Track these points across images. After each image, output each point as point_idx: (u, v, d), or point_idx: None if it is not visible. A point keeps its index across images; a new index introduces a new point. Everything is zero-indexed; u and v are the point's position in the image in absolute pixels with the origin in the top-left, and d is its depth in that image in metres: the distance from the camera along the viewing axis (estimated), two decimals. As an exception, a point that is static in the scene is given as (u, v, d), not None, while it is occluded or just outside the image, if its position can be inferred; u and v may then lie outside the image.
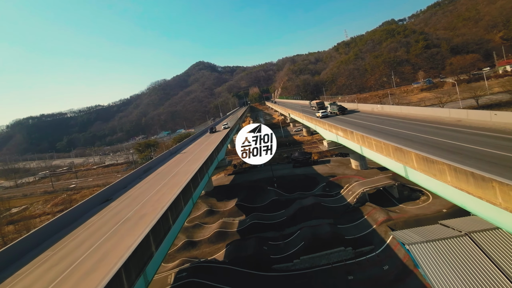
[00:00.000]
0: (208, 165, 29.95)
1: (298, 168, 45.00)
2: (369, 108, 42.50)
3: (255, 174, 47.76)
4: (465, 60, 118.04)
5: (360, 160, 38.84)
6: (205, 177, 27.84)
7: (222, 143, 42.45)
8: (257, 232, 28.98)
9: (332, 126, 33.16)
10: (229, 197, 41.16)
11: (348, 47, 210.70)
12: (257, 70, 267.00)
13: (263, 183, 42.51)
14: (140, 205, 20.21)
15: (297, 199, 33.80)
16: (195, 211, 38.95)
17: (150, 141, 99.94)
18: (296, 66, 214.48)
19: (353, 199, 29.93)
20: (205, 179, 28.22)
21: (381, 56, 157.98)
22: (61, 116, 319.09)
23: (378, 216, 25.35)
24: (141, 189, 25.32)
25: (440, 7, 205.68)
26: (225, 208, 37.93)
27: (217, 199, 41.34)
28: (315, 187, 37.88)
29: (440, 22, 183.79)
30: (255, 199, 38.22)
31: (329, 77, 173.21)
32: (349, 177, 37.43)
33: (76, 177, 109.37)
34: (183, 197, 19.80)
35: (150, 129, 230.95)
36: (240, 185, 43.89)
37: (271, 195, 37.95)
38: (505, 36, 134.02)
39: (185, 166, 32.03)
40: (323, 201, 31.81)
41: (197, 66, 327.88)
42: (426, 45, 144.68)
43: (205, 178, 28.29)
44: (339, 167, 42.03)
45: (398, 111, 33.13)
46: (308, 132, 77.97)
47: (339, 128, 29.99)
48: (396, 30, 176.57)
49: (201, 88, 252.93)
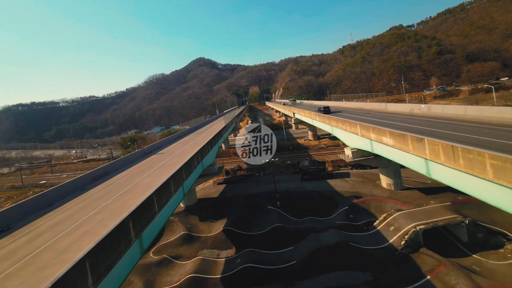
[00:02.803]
0: (181, 178, 19.72)
1: (308, 182, 34.90)
2: (406, 109, 32.60)
3: (252, 185, 37.56)
4: (483, 68, 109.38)
5: (395, 177, 28.89)
6: (173, 198, 17.62)
7: (211, 144, 32.24)
8: (251, 285, 18.77)
9: (365, 128, 23.13)
10: (216, 215, 30.91)
11: (354, 50, 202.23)
12: (259, 70, 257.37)
13: (263, 199, 32.32)
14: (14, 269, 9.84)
15: (311, 231, 23.61)
16: (168, 235, 28.64)
17: (136, 136, 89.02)
18: (299, 67, 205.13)
19: (399, 240, 19.84)
20: (175, 202, 18.00)
21: (390, 60, 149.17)
22: (53, 105, 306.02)
23: (455, 281, 15.29)
24: (53, 220, 14.90)
25: (451, 14, 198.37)
26: (209, 233, 27.66)
27: (200, 217, 31.05)
28: (334, 211, 27.79)
29: (451, 29, 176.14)
30: (250, 223, 28.02)
31: (334, 79, 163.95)
32: (380, 200, 27.42)
33: (51, 172, 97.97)
34: (111, 246, 9.62)
35: (144, 123, 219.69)
36: (232, 200, 33.65)
37: (273, 218, 27.79)
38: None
39: (152, 174, 21.88)
40: (351, 238, 21.68)
41: (197, 62, 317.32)
42: (439, 51, 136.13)
43: (175, 200, 18.07)
44: (363, 184, 32.01)
45: (462, 112, 23.29)
46: (314, 136, 67.98)
47: (382, 131, 19.96)
48: (406, 35, 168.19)
49: (200, 85, 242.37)
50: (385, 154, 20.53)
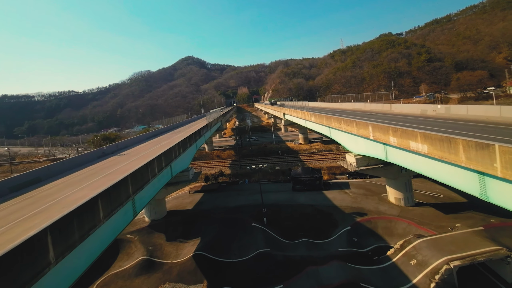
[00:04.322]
0: (125, 192, 13.64)
1: (301, 193, 29.50)
2: (417, 110, 28.00)
3: (234, 195, 31.69)
4: (472, 77, 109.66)
5: (406, 191, 24.06)
6: (110, 223, 11.55)
7: (184, 146, 26.20)
8: None
9: (381, 129, 18.02)
10: (187, 234, 24.80)
11: (344, 55, 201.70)
12: (248, 71, 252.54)
13: (246, 213, 26.55)
14: None
15: (306, 262, 18.10)
16: (123, 259, 22.28)
17: (111, 134, 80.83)
18: (290, 69, 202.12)
19: (426, 281, 14.67)
20: (114, 228, 11.94)
21: (380, 65, 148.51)
22: (27, 98, 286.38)
23: None
24: None
25: (439, 24, 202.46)
26: (176, 259, 21.54)
27: (168, 236, 24.81)
28: (333, 232, 22.49)
29: (438, 39, 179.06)
30: (229, 246, 22.16)
31: (325, 83, 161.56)
32: (390, 219, 22.41)
33: (11, 171, 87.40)
34: None
35: (126, 121, 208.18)
36: (209, 214, 27.63)
37: (258, 240, 22.11)
38: (509, 57, 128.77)
39: (94, 184, 15.68)
40: (360, 275, 16.33)
41: (186, 61, 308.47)
42: (428, 58, 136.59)
43: (114, 225, 12.00)
44: (366, 197, 26.99)
45: (495, 113, 18.78)
46: (305, 140, 63.16)
47: (410, 134, 14.84)
48: (396, 41, 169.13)
49: (187, 83, 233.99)
50: (410, 165, 15.42)
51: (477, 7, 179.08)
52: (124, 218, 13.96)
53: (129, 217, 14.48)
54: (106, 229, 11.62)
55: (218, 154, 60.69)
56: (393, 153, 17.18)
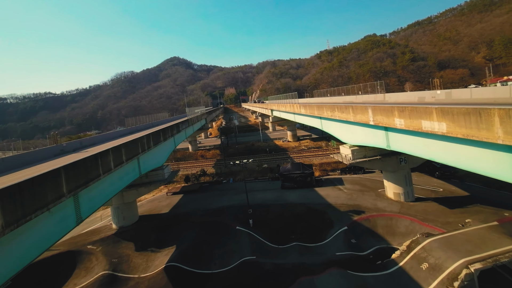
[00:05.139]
0: (57, 190, 10.18)
1: (291, 191, 26.69)
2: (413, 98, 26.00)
3: (217, 196, 28.43)
4: (454, 75, 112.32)
5: (406, 185, 21.80)
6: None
7: (156, 139, 22.76)
8: None
9: (383, 111, 15.51)
10: (161, 241, 21.31)
11: (331, 55, 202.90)
12: (235, 71, 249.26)
13: (230, 215, 23.40)
14: None
15: (299, 271, 15.22)
16: (80, 276, 18.50)
17: (86, 135, 75.02)
18: (277, 69, 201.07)
19: (444, 291, 12.13)
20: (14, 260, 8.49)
21: (366, 65, 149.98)
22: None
23: None
24: None
25: (420, 26, 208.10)
26: (145, 273, 18.04)
27: (137, 245, 21.20)
28: (328, 233, 19.78)
29: (421, 40, 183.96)
30: (210, 253, 18.94)
31: (312, 82, 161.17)
32: (390, 217, 19.99)
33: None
34: None
35: (107, 124, 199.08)
36: (188, 218, 24.24)
37: (243, 246, 19.05)
38: (487, 56, 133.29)
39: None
40: (363, 284, 13.61)
41: (171, 61, 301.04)
42: (412, 58, 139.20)
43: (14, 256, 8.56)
44: (363, 193, 24.56)
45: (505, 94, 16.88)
46: (293, 137, 60.84)
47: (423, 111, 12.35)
48: (381, 41, 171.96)
49: (172, 84, 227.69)
50: (420, 152, 12.92)
51: (456, 10, 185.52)
52: (60, 226, 10.51)
53: (68, 224, 11.02)
54: (17, 243, 8.21)
55: (203, 154, 57.16)
56: (396, 140, 14.70)
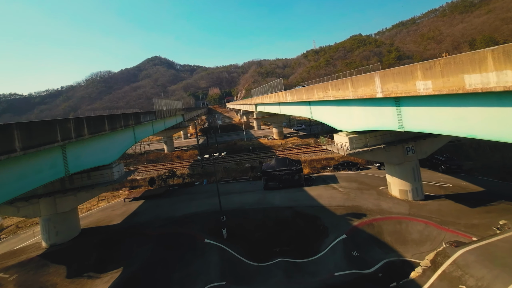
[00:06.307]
0: None
1: (275, 193, 21.97)
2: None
3: (186, 201, 23.22)
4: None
5: (414, 180, 17.76)
6: None
7: (98, 126, 17.29)
8: None
9: (400, 73, 11.18)
10: (104, 263, 15.88)
11: (317, 55, 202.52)
12: (220, 71, 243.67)
13: (198, 225, 18.34)
14: None
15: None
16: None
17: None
18: (263, 69, 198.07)
19: None
20: None
21: (353, 63, 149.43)
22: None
23: None
24: None
25: (404, 26, 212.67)
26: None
27: (71, 269, 15.64)
28: (322, 244, 15.25)
29: (405, 40, 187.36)
30: (166, 277, 13.82)
31: (299, 81, 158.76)
32: (399, 220, 15.78)
33: None
34: None
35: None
36: (144, 229, 18.90)
37: (211, 267, 14.08)
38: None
39: None
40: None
41: (152, 61, 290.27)
42: (398, 56, 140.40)
43: None
44: (361, 192, 20.31)
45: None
46: (280, 135, 56.53)
47: (478, 56, 8.04)
48: (367, 40, 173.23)
49: (153, 85, 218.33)
50: (457, 128, 8.63)
51: (438, 11, 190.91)
52: None
53: None
54: None
55: (179, 155, 51.49)
56: (414, 115, 10.48)
